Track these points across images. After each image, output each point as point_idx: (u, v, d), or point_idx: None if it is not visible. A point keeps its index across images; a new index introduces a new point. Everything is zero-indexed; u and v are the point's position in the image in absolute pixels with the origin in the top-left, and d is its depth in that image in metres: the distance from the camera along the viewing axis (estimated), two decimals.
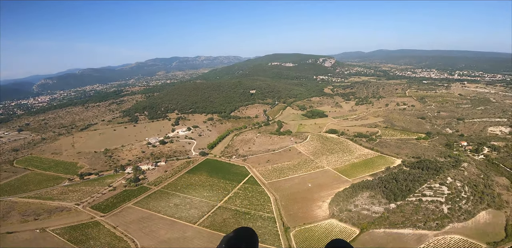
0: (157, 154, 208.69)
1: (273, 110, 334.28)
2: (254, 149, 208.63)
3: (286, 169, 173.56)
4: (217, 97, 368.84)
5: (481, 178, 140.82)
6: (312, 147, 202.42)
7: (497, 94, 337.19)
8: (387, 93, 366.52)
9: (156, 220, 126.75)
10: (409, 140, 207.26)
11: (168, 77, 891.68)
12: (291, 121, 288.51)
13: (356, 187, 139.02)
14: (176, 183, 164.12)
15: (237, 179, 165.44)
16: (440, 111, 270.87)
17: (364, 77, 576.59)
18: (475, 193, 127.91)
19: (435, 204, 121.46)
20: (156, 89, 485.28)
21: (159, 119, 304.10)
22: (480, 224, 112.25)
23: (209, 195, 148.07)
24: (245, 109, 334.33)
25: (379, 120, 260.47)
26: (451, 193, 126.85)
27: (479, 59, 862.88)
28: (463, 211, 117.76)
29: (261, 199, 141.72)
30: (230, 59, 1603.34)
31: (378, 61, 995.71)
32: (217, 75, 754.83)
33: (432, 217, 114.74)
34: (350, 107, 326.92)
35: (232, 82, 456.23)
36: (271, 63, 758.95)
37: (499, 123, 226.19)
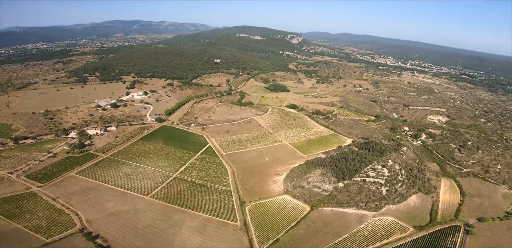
0: (107, 118, 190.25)
1: (236, 81, 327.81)
2: (214, 118, 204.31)
3: (245, 141, 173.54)
4: (179, 63, 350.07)
5: (416, 163, 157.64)
6: (272, 120, 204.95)
7: (441, 85, 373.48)
8: (347, 74, 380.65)
9: (103, 191, 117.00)
10: (360, 121, 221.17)
11: (127, 40, 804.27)
12: (253, 93, 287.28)
13: (310, 164, 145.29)
14: (128, 151, 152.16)
15: (194, 148, 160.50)
16: (390, 96, 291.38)
17: (327, 57, 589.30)
18: (410, 177, 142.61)
19: (376, 186, 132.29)
20: (112, 50, 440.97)
21: (112, 81, 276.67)
22: (410, 208, 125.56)
23: (164, 164, 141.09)
24: (208, 77, 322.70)
25: (336, 100, 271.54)
26: (390, 176, 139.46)
27: (431, 51, 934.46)
28: (398, 193, 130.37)
29: (218, 171, 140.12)
30: (197, 27, 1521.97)
31: (342, 44, 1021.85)
32: (181, 41, 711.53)
33: (372, 198, 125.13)
34: (311, 85, 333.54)
35: (197, 49, 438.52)
36: (239, 34, 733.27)
37: (438, 112, 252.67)
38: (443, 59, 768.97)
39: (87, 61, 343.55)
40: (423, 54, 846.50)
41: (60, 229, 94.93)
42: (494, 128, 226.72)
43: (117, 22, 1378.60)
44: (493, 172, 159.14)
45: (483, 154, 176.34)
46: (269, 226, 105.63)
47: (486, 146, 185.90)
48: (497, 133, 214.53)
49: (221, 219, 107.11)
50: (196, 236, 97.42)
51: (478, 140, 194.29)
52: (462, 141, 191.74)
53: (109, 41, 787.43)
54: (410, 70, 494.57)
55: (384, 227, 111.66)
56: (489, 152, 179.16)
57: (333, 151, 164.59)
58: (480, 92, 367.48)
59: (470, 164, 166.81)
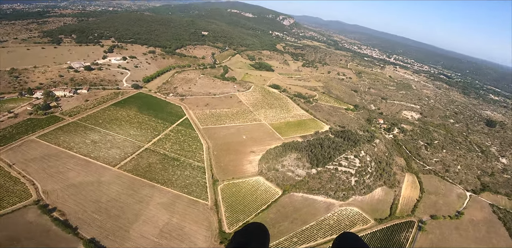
0: (79, 80, 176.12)
1: (222, 55, 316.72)
2: (195, 90, 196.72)
3: (223, 116, 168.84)
4: (164, 32, 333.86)
5: (385, 156, 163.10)
6: (253, 98, 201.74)
7: (419, 82, 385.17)
8: (332, 61, 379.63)
9: (65, 158, 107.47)
10: (340, 109, 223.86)
11: (112, 5, 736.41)
12: (237, 68, 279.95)
13: (286, 147, 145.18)
14: (98, 116, 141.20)
15: (170, 119, 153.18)
16: (371, 88, 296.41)
17: (316, 42, 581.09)
18: (378, 169, 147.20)
19: (346, 175, 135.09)
20: (94, 14, 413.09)
21: (89, 44, 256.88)
22: (374, 200, 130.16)
23: (136, 134, 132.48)
24: (192, 48, 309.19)
25: (319, 85, 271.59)
26: (361, 166, 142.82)
27: (416, 49, 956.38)
28: (365, 185, 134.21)
29: (193, 145, 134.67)
30: None
31: (332, 31, 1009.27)
32: (170, 11, 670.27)
33: (341, 187, 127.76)
34: (297, 67, 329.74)
35: (185, 20, 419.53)
36: (230, 10, 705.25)
37: (413, 108, 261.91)
38: (426, 58, 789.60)
39: (65, 23, 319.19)
40: (408, 50, 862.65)
41: (14, 200, 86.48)
42: (461, 130, 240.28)
43: None
44: (453, 172, 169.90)
45: (447, 154, 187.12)
46: (240, 207, 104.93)
47: (450, 146, 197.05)
48: (463, 135, 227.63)
49: (191, 196, 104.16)
50: (164, 213, 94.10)
51: (444, 140, 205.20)
52: (430, 139, 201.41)
53: (93, 5, 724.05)
54: (393, 64, 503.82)
55: (349, 217, 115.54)
56: (452, 152, 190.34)
57: (310, 136, 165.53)
58: (454, 93, 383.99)
59: (433, 162, 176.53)
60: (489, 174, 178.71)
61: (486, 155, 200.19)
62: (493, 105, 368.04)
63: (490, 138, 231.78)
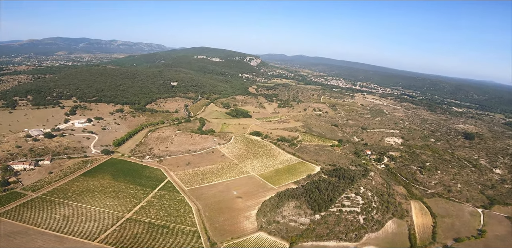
0: (39, 150, 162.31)
1: (195, 106, 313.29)
2: (172, 149, 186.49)
3: (208, 174, 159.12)
4: (131, 86, 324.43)
5: (384, 187, 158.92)
6: (237, 149, 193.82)
7: (388, 106, 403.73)
8: (305, 97, 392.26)
9: (34, 235, 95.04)
10: (325, 146, 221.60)
11: (71, 59, 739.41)
12: (214, 119, 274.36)
13: (282, 196, 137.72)
14: (66, 189, 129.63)
15: (150, 184, 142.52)
16: (348, 120, 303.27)
17: (285, 79, 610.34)
18: (382, 202, 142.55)
19: (353, 215, 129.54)
20: (51, 70, 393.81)
21: (47, 106, 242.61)
22: (389, 234, 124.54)
23: (114, 204, 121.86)
24: (164, 102, 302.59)
25: (299, 125, 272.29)
26: (365, 203, 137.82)
27: (374, 72, 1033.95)
28: (375, 221, 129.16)
29: (181, 209, 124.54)
30: (152, 47, 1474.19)
31: (297, 66, 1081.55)
32: (134, 62, 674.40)
33: (351, 228, 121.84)
34: (273, 109, 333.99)
35: (152, 71, 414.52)
36: (197, 56, 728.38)
37: (393, 134, 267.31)
38: (386, 80, 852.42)
39: (19, 82, 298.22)
40: (369, 76, 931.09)
41: None
42: (444, 147, 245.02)
43: (61, 39, 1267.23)
44: (455, 191, 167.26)
45: (442, 174, 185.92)
46: None
47: (442, 166, 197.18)
48: (449, 152, 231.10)
49: None
50: None
51: (434, 160, 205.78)
52: (420, 162, 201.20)
53: (50, 60, 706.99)
54: (360, 91, 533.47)
55: None
56: (447, 171, 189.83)
57: (303, 181, 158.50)
58: (422, 111, 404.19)
59: (433, 184, 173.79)
60: (490, 187, 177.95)
61: (479, 168, 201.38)
62: (461, 118, 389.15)
63: (475, 151, 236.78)
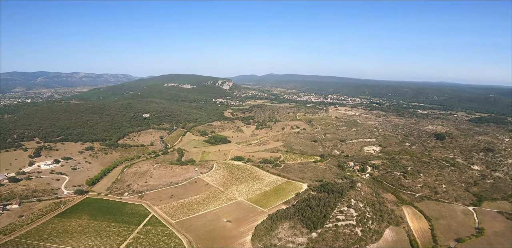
0: (5, 195, 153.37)
1: (171, 137, 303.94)
2: (153, 183, 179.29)
3: (194, 204, 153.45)
4: (99, 122, 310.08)
5: (374, 196, 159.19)
6: (220, 177, 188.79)
7: (361, 116, 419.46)
8: (282, 116, 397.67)
9: None
10: (308, 163, 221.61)
11: (30, 96, 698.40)
12: (192, 148, 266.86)
13: (274, 218, 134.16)
14: (41, 231, 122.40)
15: (133, 221, 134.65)
16: (326, 134, 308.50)
17: (259, 100, 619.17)
18: (376, 212, 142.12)
19: (349, 228, 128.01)
20: (9, 109, 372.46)
21: (9, 149, 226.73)
22: (390, 243, 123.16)
23: (96, 243, 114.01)
24: (137, 136, 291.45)
25: (279, 145, 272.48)
26: (359, 215, 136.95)
27: (342, 84, 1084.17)
28: (372, 231, 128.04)
29: (171, 243, 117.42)
30: (118, 78, 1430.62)
31: (269, 85, 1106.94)
32: (100, 95, 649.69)
33: (351, 242, 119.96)
34: (251, 132, 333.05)
35: (120, 104, 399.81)
36: (167, 84, 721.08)
37: (370, 143, 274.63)
38: (354, 91, 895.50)
39: None
40: (338, 88, 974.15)
41: None
42: (420, 150, 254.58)
43: (17, 74, 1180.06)
44: (441, 192, 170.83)
45: (425, 177, 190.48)
46: None
47: (424, 169, 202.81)
48: (425, 154, 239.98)
49: None
50: None
51: (414, 164, 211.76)
52: (402, 167, 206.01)
53: (7, 97, 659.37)
54: (332, 104, 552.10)
55: None
56: (429, 173, 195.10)
57: (293, 200, 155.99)
58: (392, 117, 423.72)
59: (419, 188, 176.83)
60: (473, 184, 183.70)
61: (458, 167, 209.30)
62: (428, 119, 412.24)
63: (449, 150, 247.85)
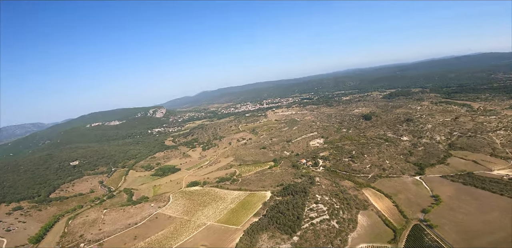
0: None
1: (112, 179, 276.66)
2: (108, 228, 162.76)
3: (164, 240, 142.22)
4: (18, 180, 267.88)
5: (334, 187, 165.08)
6: (181, 206, 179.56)
7: (297, 113, 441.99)
8: (225, 132, 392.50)
9: None
10: (264, 171, 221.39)
11: None
12: (141, 185, 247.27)
13: (251, 233, 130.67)
14: None
15: None
16: (272, 138, 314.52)
17: (198, 121, 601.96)
18: (342, 201, 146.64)
19: (325, 223, 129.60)
20: None
21: None
22: (367, 227, 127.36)
23: None
24: (71, 186, 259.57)
25: (230, 160, 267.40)
26: (328, 208, 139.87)
27: (274, 87, 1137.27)
28: (347, 220, 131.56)
29: None
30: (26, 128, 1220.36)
31: (205, 103, 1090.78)
32: (9, 151, 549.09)
33: (332, 236, 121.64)
34: (199, 154, 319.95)
35: (38, 156, 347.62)
36: (90, 124, 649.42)
37: (314, 137, 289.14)
38: (285, 91, 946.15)
39: None
40: (270, 92, 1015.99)
41: None
42: (356, 133, 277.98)
43: None
44: (388, 168, 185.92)
45: (369, 157, 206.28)
46: None
47: (365, 150, 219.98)
48: (361, 136, 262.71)
49: None
50: None
51: (356, 148, 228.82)
52: (348, 153, 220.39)
53: None
54: (269, 108, 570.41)
55: None
56: (371, 153, 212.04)
57: (262, 210, 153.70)
58: (324, 109, 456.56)
59: (369, 168, 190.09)
60: (409, 154, 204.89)
61: (391, 141, 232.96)
62: (352, 104, 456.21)
63: (378, 128, 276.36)
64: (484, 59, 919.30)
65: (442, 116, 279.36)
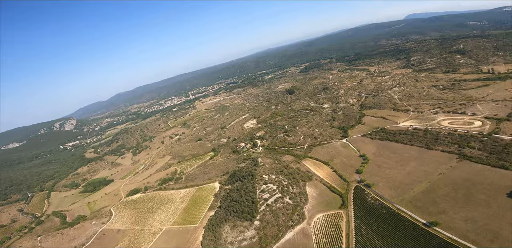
0: None
1: (33, 205, 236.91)
2: None
3: None
4: None
5: (277, 164, 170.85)
6: (128, 217, 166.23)
7: (225, 99, 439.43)
8: (154, 131, 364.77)
9: None
10: (206, 162, 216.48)
11: None
12: (72, 205, 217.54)
13: (211, 228, 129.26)
14: None
15: None
16: (206, 128, 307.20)
17: (119, 125, 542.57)
18: (288, 176, 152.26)
19: (280, 201, 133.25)
20: None
21: None
22: (317, 197, 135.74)
23: None
24: None
25: (168, 159, 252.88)
26: (278, 186, 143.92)
27: (197, 77, 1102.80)
28: (298, 195, 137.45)
29: None
30: None
31: (122, 105, 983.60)
32: None
33: (290, 212, 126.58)
34: (131, 160, 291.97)
35: None
36: None
37: (246, 119, 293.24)
38: (209, 79, 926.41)
39: None
40: (194, 82, 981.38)
41: None
42: (284, 108, 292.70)
43: None
44: (318, 135, 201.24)
45: (301, 128, 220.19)
46: None
47: (295, 122, 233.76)
48: (290, 110, 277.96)
49: None
50: None
51: (287, 122, 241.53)
52: (281, 128, 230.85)
53: None
54: (196, 99, 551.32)
55: (329, 224, 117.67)
56: (301, 124, 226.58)
57: (215, 203, 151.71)
58: (250, 90, 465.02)
59: (303, 140, 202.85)
60: (332, 120, 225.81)
61: (315, 110, 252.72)
62: (275, 81, 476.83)
63: (302, 100, 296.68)
64: (370, 29, 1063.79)
65: (350, 81, 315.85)
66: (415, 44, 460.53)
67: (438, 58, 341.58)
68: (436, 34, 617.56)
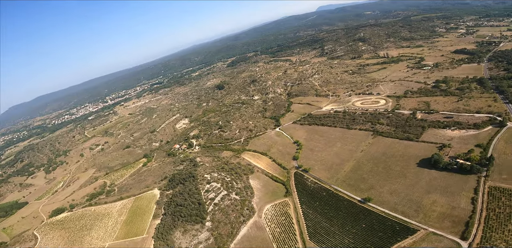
0: None
1: None
2: None
3: None
4: None
5: (217, 161, 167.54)
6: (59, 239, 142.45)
7: (152, 101, 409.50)
8: (68, 144, 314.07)
9: None
10: (140, 170, 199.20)
11: None
12: None
13: (161, 237, 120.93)
14: None
15: None
16: (133, 134, 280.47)
17: (21, 142, 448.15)
18: (230, 172, 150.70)
19: (227, 199, 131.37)
20: None
21: None
22: (262, 188, 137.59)
23: None
24: None
25: (92, 172, 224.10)
26: (222, 184, 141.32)
27: (114, 80, 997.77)
28: (244, 189, 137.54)
29: None
30: None
31: (21, 119, 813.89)
32: None
33: (238, 208, 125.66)
34: (44, 179, 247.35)
35: None
36: None
37: (177, 119, 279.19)
38: (129, 82, 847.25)
39: None
40: (111, 86, 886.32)
41: None
42: (215, 104, 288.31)
43: None
44: (253, 128, 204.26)
45: (235, 122, 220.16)
46: None
47: (229, 117, 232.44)
48: (221, 105, 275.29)
49: None
50: None
51: (221, 117, 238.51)
52: (215, 124, 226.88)
53: None
54: (117, 103, 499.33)
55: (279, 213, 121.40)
56: (234, 118, 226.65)
57: (159, 210, 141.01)
58: (178, 89, 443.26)
59: (239, 133, 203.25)
60: (264, 110, 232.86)
61: (247, 103, 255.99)
62: (203, 78, 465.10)
63: (232, 94, 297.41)
64: (290, 21, 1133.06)
65: (275, 72, 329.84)
66: (327, 34, 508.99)
67: (346, 46, 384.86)
68: (342, 24, 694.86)
